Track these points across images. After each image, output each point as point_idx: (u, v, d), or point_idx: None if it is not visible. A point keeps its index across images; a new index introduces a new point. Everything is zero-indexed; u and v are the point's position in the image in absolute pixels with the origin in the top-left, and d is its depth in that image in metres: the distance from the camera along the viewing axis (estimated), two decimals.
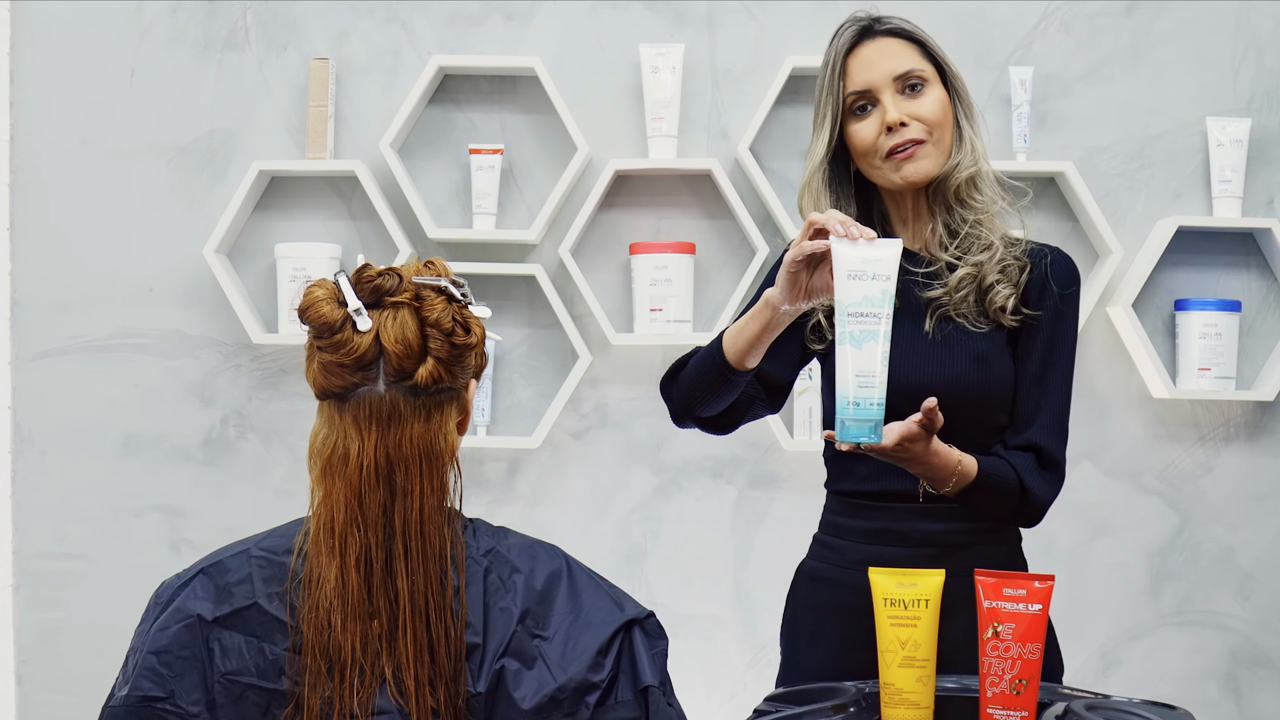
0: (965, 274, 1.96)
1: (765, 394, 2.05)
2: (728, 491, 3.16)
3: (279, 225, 3.16)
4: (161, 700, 1.52)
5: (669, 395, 2.05)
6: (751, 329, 1.89)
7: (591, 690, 1.52)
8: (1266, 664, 3.15)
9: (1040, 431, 1.96)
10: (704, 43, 3.14)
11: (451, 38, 3.15)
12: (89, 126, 3.16)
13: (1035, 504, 1.96)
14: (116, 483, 3.16)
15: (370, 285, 1.54)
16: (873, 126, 1.97)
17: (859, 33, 1.99)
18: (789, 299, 1.84)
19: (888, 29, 1.99)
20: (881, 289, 1.71)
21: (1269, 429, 3.15)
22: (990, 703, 1.69)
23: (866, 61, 1.97)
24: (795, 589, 2.11)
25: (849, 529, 2.02)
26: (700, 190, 3.15)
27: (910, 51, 1.98)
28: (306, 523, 1.56)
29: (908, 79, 1.96)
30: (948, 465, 1.88)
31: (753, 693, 3.08)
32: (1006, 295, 1.96)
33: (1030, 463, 1.95)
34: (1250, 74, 3.13)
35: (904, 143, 1.95)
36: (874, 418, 1.71)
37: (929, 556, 1.92)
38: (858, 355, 1.70)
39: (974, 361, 1.96)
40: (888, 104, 1.95)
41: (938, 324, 1.98)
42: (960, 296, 1.97)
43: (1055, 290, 1.98)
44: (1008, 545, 2.02)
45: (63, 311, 3.17)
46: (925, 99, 1.96)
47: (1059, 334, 1.99)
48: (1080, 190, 3.03)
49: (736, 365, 1.92)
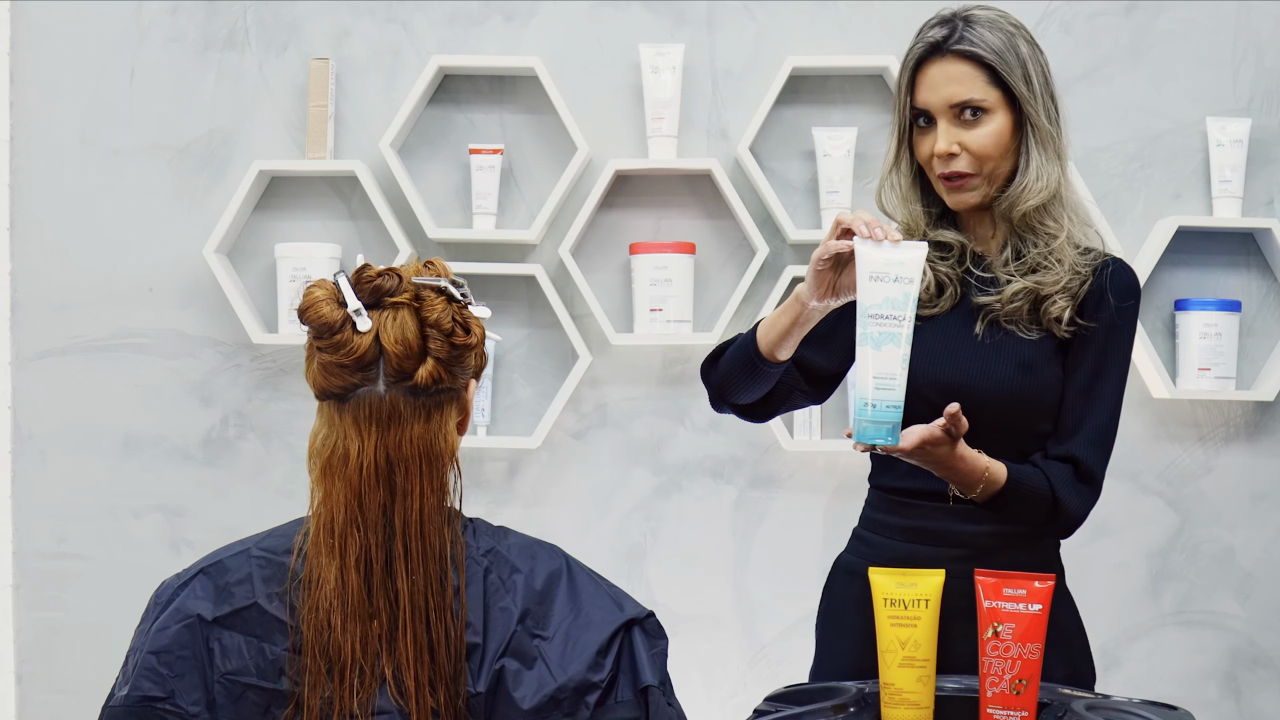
0: (1022, 288, 1.95)
1: (808, 384, 2.05)
2: (728, 491, 3.16)
3: (279, 225, 3.16)
4: (161, 700, 1.52)
5: (708, 380, 2.05)
6: (783, 322, 1.90)
7: (591, 690, 1.52)
8: (1266, 664, 3.15)
9: (1081, 444, 1.95)
10: (704, 43, 3.14)
11: (451, 38, 3.15)
12: (89, 126, 3.16)
13: (1068, 516, 1.94)
14: (116, 483, 3.16)
15: (370, 285, 1.54)
16: (928, 145, 1.97)
17: (931, 48, 1.96)
18: (817, 295, 1.85)
19: (959, 50, 1.94)
20: (904, 291, 1.70)
21: (1269, 429, 3.15)
22: (990, 703, 1.69)
23: (929, 82, 1.95)
24: (831, 583, 2.11)
25: (886, 525, 2.01)
26: (700, 190, 3.15)
27: (975, 78, 1.94)
28: (306, 523, 1.56)
29: (965, 106, 1.94)
30: (974, 471, 1.86)
31: (753, 693, 3.08)
32: (1063, 308, 1.94)
33: (1066, 474, 1.94)
34: (1250, 74, 3.13)
35: (951, 173, 1.95)
36: (891, 420, 1.71)
37: (962, 558, 1.91)
38: (877, 357, 1.70)
39: (1019, 367, 1.94)
40: (940, 132, 1.94)
41: (988, 328, 1.97)
42: (1014, 307, 1.95)
43: (1112, 302, 1.95)
44: (1043, 552, 2.00)
45: (63, 311, 3.17)
46: (980, 130, 1.94)
47: (1112, 347, 1.97)
48: (1080, 190, 3.03)
49: (768, 356, 1.93)
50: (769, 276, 3.09)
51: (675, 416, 3.15)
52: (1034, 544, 1.98)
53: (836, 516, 3.10)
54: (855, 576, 2.02)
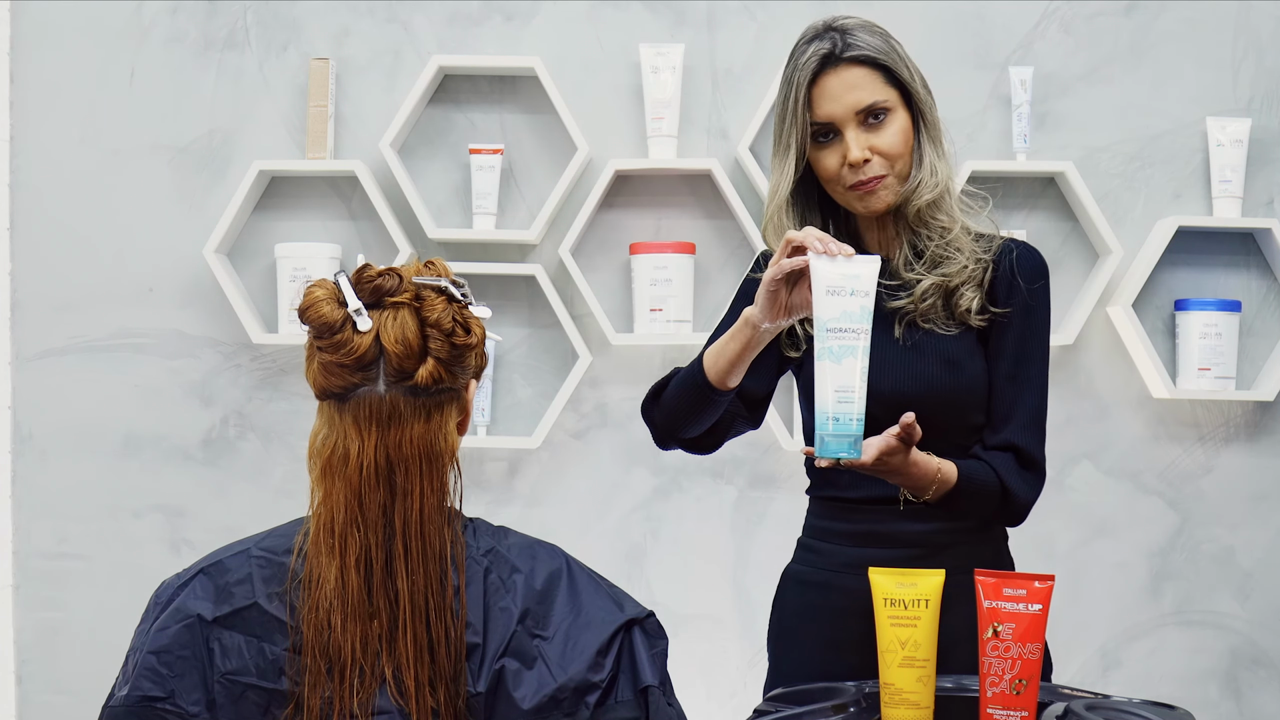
0: (930, 284, 1.96)
1: (746, 410, 2.04)
2: (728, 491, 3.16)
3: (279, 225, 3.16)
4: (161, 700, 1.52)
5: (650, 419, 2.04)
6: (732, 348, 1.89)
7: (591, 690, 1.52)
8: (1266, 664, 3.15)
9: (1017, 430, 1.96)
10: (704, 43, 3.14)
11: (451, 38, 3.15)
12: (89, 126, 3.16)
13: (1018, 504, 1.95)
14: (116, 483, 3.16)
15: (370, 285, 1.54)
16: (835, 157, 1.95)
17: (822, 60, 1.94)
18: (769, 316, 1.84)
19: (852, 56, 1.93)
20: (860, 305, 1.72)
21: (1269, 429, 3.15)
22: (990, 703, 1.69)
23: (829, 93, 1.93)
24: (781, 594, 2.11)
25: (833, 532, 2.01)
26: (700, 190, 3.15)
27: (874, 81, 1.93)
28: (306, 523, 1.56)
29: (870, 111, 1.93)
30: (927, 474, 1.87)
31: (753, 693, 3.08)
32: (971, 298, 1.95)
33: (1010, 463, 1.95)
34: (1250, 74, 3.13)
35: (866, 180, 1.94)
36: (853, 433, 1.72)
37: (915, 557, 1.92)
38: (837, 370, 1.71)
39: (944, 365, 1.95)
40: (850, 141, 1.93)
41: (907, 330, 1.97)
42: (927, 305, 1.96)
43: (1023, 285, 1.96)
44: (994, 544, 2.01)
45: (63, 311, 3.17)
46: (887, 130, 1.94)
47: (1030, 329, 1.97)
48: (1080, 190, 3.03)
49: (719, 385, 1.92)
50: None
51: None
52: (984, 537, 1.99)
53: None
54: (806, 585, 2.04)
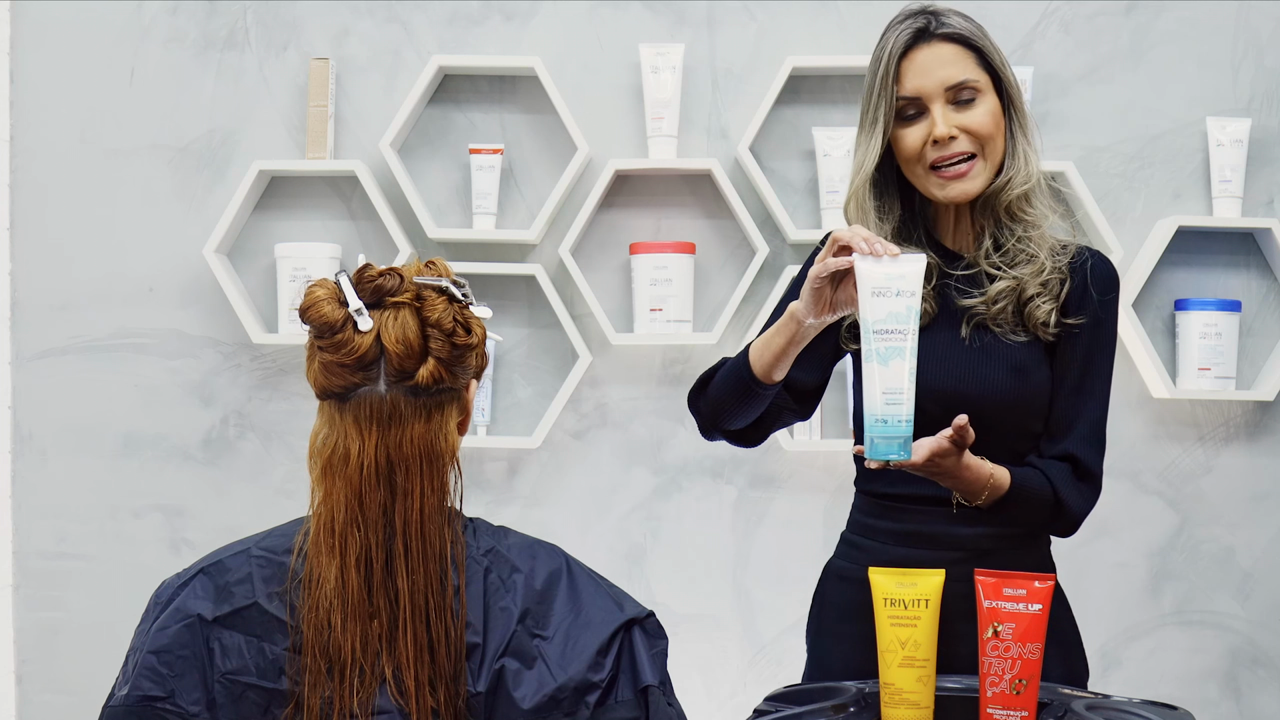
0: (1005, 286, 1.93)
1: (794, 402, 2.02)
2: (728, 491, 3.16)
3: (279, 225, 3.16)
4: (161, 700, 1.52)
5: (696, 409, 2.02)
6: (777, 342, 1.87)
7: (591, 690, 1.52)
8: (1266, 664, 3.15)
9: (1077, 441, 1.94)
10: (704, 43, 3.14)
11: (451, 38, 3.15)
12: (89, 126, 3.16)
13: (1070, 515, 1.94)
14: (116, 483, 3.16)
15: (371, 285, 1.54)
16: (919, 135, 1.92)
17: (915, 35, 1.92)
18: (813, 313, 1.82)
19: (945, 33, 1.91)
20: (906, 305, 1.69)
21: (1269, 429, 3.15)
22: (990, 703, 1.69)
23: (921, 67, 1.91)
24: (822, 588, 2.09)
25: (878, 530, 1.99)
26: (700, 190, 3.15)
27: (966, 59, 1.91)
28: (306, 522, 1.56)
29: (960, 90, 1.91)
30: (980, 479, 1.86)
31: (753, 693, 3.08)
32: (1047, 311, 1.93)
33: (1066, 473, 1.93)
34: (1250, 74, 3.13)
35: (951, 157, 1.91)
36: (903, 434, 1.70)
37: (959, 560, 1.90)
38: (884, 372, 1.69)
39: (1012, 371, 1.93)
40: (937, 116, 1.90)
41: (974, 331, 1.94)
42: (998, 309, 1.93)
43: (1095, 297, 1.94)
44: (1038, 551, 2.00)
45: (63, 311, 3.17)
46: (977, 110, 1.91)
47: (1098, 342, 1.96)
48: (1080, 190, 3.03)
49: (763, 378, 1.90)
50: (769, 276, 3.09)
51: (675, 416, 3.15)
52: (1030, 544, 1.98)
53: (836, 517, 3.10)
54: (848, 582, 2.01)
